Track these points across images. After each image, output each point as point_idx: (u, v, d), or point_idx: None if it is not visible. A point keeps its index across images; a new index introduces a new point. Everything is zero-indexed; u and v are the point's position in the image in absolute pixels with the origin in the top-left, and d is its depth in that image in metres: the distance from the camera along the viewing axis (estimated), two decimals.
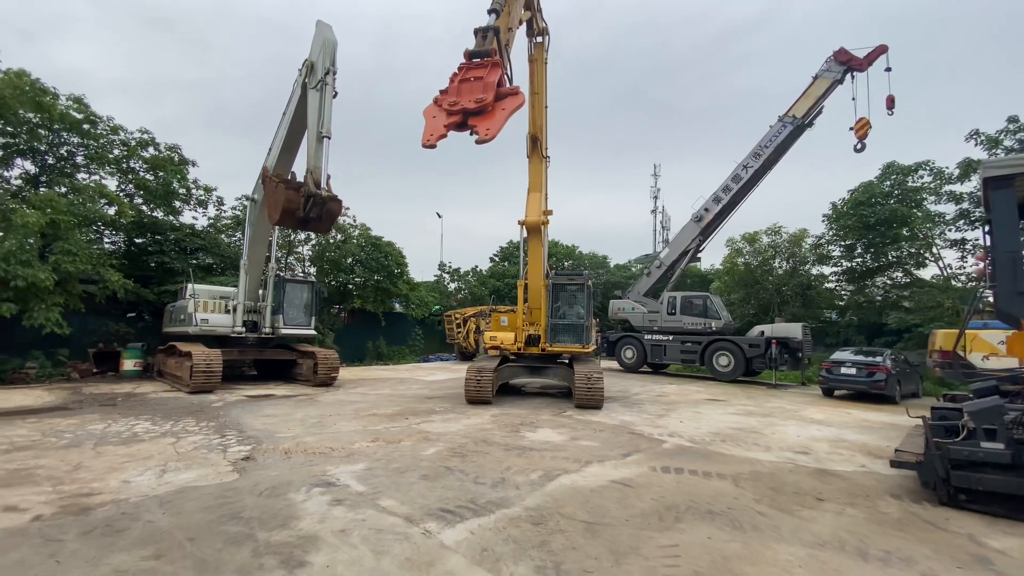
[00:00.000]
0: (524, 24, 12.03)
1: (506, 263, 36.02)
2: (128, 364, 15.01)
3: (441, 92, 8.30)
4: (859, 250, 20.91)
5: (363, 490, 4.90)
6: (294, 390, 12.57)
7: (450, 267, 34.16)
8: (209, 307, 13.91)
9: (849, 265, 21.86)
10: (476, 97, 7.47)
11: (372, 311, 24.45)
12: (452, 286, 35.65)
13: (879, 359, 12.97)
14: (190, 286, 14.50)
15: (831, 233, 21.81)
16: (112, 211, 16.95)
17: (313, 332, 15.35)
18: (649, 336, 19.30)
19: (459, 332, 25.44)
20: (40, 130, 15.99)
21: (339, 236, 24.22)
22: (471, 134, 7.96)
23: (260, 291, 14.76)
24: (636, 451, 6.85)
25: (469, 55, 8.29)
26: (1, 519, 3.94)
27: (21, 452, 5.91)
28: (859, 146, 15.63)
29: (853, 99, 15.81)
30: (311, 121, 11.04)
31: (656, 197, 60.14)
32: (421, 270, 62.73)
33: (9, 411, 8.69)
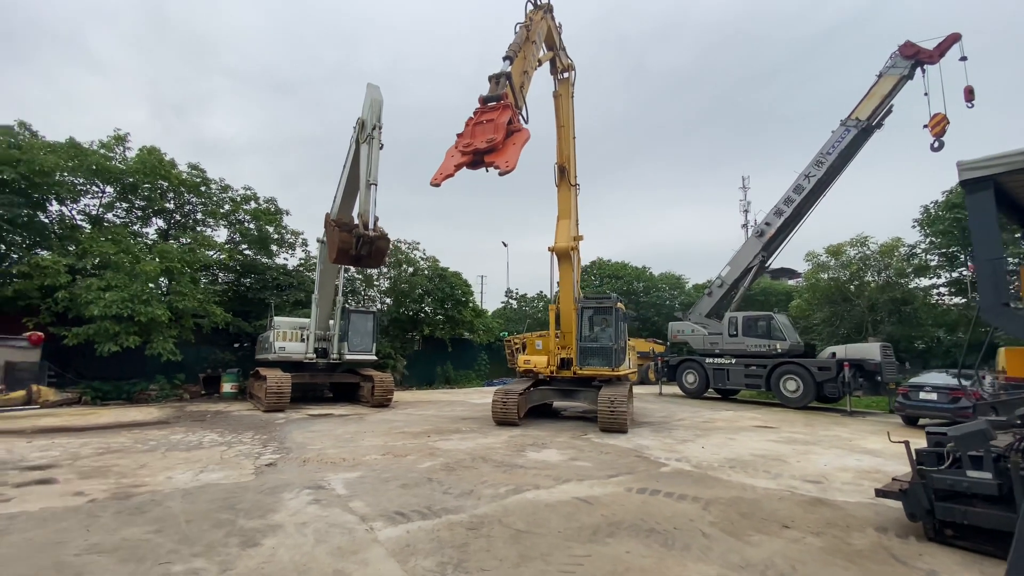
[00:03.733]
0: (548, 63, 12.76)
1: None
2: (226, 387, 17.47)
3: (458, 135, 9.16)
4: (963, 258, 18.32)
5: (343, 493, 5.59)
6: (352, 410, 13.87)
7: (516, 293, 34.98)
8: (288, 336, 15.87)
9: (954, 275, 19.17)
10: (488, 137, 8.10)
11: (440, 338, 25.91)
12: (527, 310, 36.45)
13: (967, 382, 11.29)
14: (275, 318, 16.75)
15: (927, 241, 19.37)
16: (222, 256, 20.22)
17: (374, 357, 16.82)
18: (711, 360, 18.40)
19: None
20: (168, 193, 19.61)
21: (409, 269, 26.21)
22: (488, 170, 8.62)
23: (330, 321, 16.57)
24: (627, 473, 6.85)
25: (483, 100, 9.01)
26: (68, 501, 5.17)
27: (110, 454, 7.45)
28: (936, 144, 14.01)
29: (925, 94, 14.30)
30: (362, 170, 12.49)
31: (747, 211, 57.47)
32: (499, 296, 64.42)
33: (123, 424, 10.75)
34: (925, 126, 14.27)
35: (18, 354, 13.53)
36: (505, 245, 48.21)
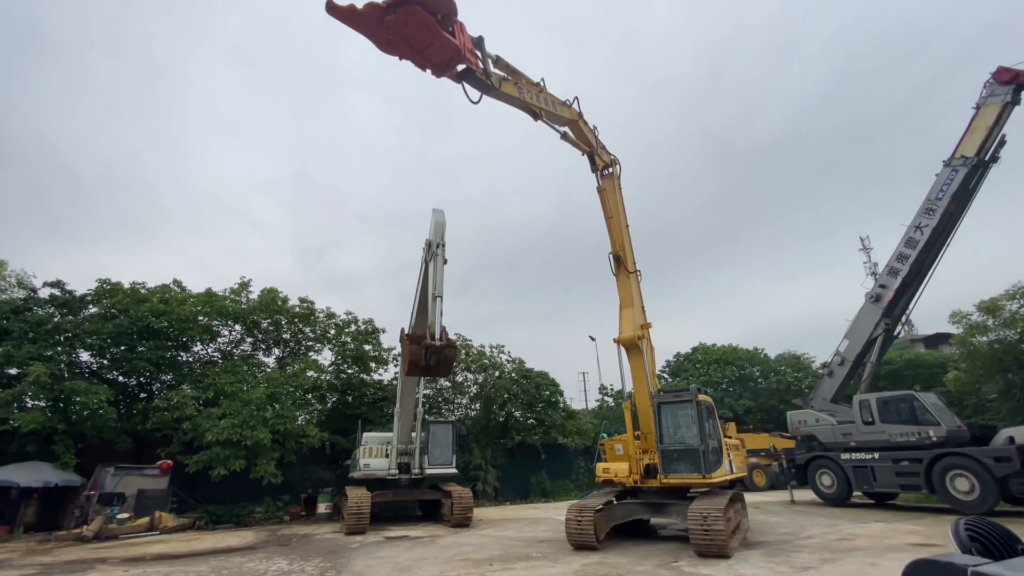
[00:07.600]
0: (587, 159, 13.15)
1: (675, 378, 33.34)
2: (321, 507, 17.79)
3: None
4: None
5: None
6: (430, 531, 13.23)
7: (611, 389, 32.92)
8: (373, 452, 16.16)
9: None
10: None
11: (533, 444, 24.66)
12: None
13: None
14: (364, 434, 17.28)
15: None
16: (327, 378, 22.00)
17: (454, 471, 16.32)
18: (847, 455, 15.19)
19: None
20: (283, 324, 22.33)
21: (496, 373, 26.15)
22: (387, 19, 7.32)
23: (412, 434, 16.67)
24: None
25: None
26: None
27: None
28: None
29: None
30: (429, 285, 13.36)
31: (874, 273, 51.82)
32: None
33: (216, 550, 11.22)
34: None
35: (150, 482, 15.24)
36: (592, 339, 46.21)
